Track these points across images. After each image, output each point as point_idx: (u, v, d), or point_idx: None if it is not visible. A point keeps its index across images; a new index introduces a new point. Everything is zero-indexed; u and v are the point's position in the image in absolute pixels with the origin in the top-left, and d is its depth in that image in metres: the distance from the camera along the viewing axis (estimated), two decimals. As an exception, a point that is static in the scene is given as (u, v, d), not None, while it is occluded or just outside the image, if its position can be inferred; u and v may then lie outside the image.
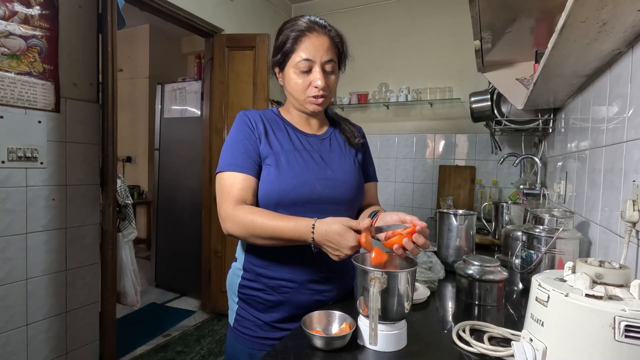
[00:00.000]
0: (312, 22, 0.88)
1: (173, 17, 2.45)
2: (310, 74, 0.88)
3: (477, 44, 1.40)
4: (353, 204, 0.95)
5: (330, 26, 0.91)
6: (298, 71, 0.88)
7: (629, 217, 0.73)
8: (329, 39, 0.88)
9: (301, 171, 0.88)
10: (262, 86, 2.66)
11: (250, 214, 0.81)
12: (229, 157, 0.88)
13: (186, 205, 3.16)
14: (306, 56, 0.86)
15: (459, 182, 2.96)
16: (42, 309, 1.68)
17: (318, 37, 0.87)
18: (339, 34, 0.92)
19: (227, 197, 0.84)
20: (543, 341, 0.54)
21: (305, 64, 0.87)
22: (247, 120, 0.91)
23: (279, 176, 0.86)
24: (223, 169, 0.87)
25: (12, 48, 1.53)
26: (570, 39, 0.80)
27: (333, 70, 0.90)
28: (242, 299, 0.92)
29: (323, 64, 0.87)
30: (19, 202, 1.58)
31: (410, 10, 3.14)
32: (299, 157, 0.90)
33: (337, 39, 0.90)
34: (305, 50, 0.86)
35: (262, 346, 0.89)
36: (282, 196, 0.85)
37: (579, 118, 1.33)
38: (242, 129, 0.90)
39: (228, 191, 0.85)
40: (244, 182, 0.85)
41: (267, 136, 0.90)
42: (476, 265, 0.95)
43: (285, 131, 0.94)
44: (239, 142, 0.89)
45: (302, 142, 0.93)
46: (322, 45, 0.87)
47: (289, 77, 0.90)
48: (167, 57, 4.72)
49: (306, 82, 0.88)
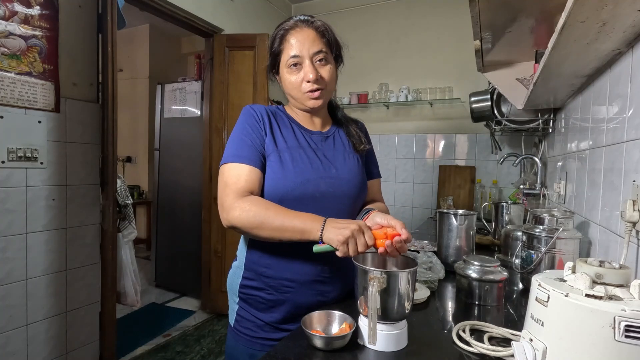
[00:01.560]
0: (296, 20, 0.88)
1: (173, 17, 2.45)
2: (302, 69, 0.87)
3: (477, 44, 1.40)
4: (356, 201, 0.95)
5: (314, 18, 0.90)
6: (290, 69, 0.88)
7: (629, 217, 0.73)
8: (313, 30, 0.87)
9: (305, 169, 0.87)
10: (262, 86, 2.66)
11: (264, 203, 0.80)
12: (234, 149, 0.86)
13: (186, 205, 3.16)
14: (293, 52, 0.86)
15: (459, 182, 2.96)
16: (42, 309, 1.68)
17: (301, 31, 0.87)
18: (324, 24, 0.90)
19: (233, 188, 0.82)
20: (543, 341, 0.54)
21: (294, 60, 0.86)
22: (253, 113, 0.90)
23: (283, 173, 0.85)
24: (228, 160, 0.85)
25: (12, 48, 1.53)
26: (570, 39, 0.80)
27: (325, 61, 0.88)
28: (243, 298, 0.92)
29: (312, 57, 0.87)
30: (19, 202, 1.58)
31: (410, 10, 3.14)
32: (303, 155, 0.89)
33: (321, 28, 0.89)
34: (291, 48, 0.86)
35: (262, 346, 0.88)
36: (287, 193, 0.85)
37: (579, 118, 1.33)
38: (249, 122, 0.89)
39: (235, 182, 0.82)
40: (250, 173, 0.84)
41: (273, 131, 0.90)
42: (476, 265, 0.95)
43: (290, 127, 0.93)
44: (246, 134, 0.87)
45: (306, 139, 0.93)
46: (306, 38, 0.86)
47: (284, 78, 0.90)
48: (167, 57, 4.72)
49: (299, 78, 0.88)
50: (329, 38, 0.90)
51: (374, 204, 1.02)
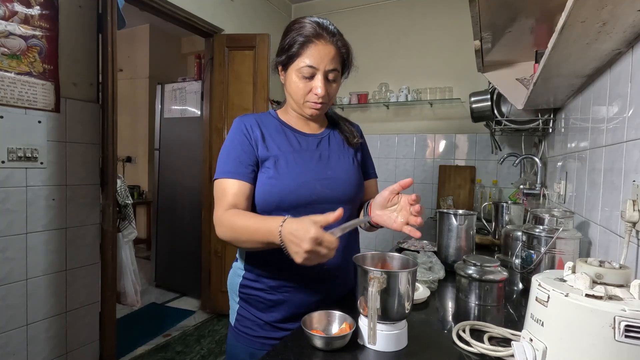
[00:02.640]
0: (321, 27, 0.87)
1: (173, 17, 2.45)
2: (312, 80, 0.87)
3: (477, 44, 1.40)
4: (353, 202, 0.95)
5: (339, 35, 0.90)
6: (300, 76, 0.87)
7: (629, 217, 0.73)
8: (335, 48, 0.88)
9: (301, 172, 0.88)
10: (262, 86, 2.66)
11: (234, 216, 0.81)
12: (222, 165, 0.89)
13: (186, 205, 3.16)
14: (310, 63, 0.86)
15: (459, 182, 2.96)
16: (42, 309, 1.68)
17: (325, 45, 0.86)
18: (346, 45, 0.91)
19: (219, 204, 0.85)
20: (543, 341, 0.54)
21: (309, 71, 0.86)
22: (242, 127, 0.91)
23: (278, 179, 0.86)
24: (218, 176, 0.88)
25: (12, 48, 1.53)
26: (570, 39, 0.80)
27: (335, 79, 0.90)
28: (243, 298, 0.92)
29: (326, 73, 0.87)
30: (19, 202, 1.58)
31: (411, 10, 3.14)
32: (297, 158, 0.90)
33: (343, 49, 0.90)
34: (310, 57, 0.86)
35: (263, 346, 0.89)
36: (283, 198, 0.85)
37: (579, 118, 1.33)
38: (237, 136, 0.91)
39: (221, 198, 0.86)
40: (235, 188, 0.86)
41: (265, 140, 0.90)
42: (476, 265, 0.95)
43: (283, 133, 0.94)
44: (233, 149, 0.89)
45: (300, 142, 0.93)
46: (327, 55, 0.86)
47: (290, 80, 0.90)
48: (167, 57, 4.72)
49: (307, 87, 0.88)
50: (346, 59, 0.92)
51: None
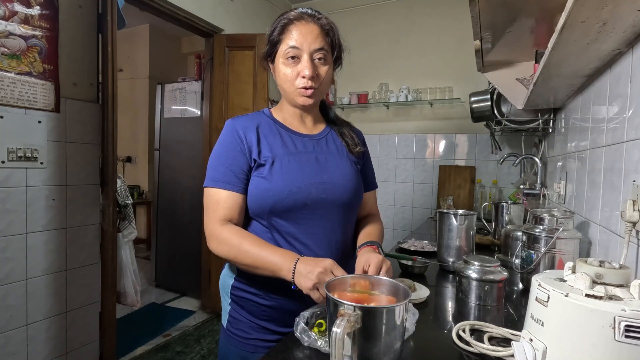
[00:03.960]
0: (302, 11, 0.85)
1: (173, 17, 2.45)
2: (299, 63, 0.84)
3: (477, 44, 1.40)
4: (351, 207, 0.91)
5: (320, 14, 0.87)
6: (286, 61, 0.84)
7: (629, 217, 0.73)
8: (318, 27, 0.84)
9: (296, 177, 0.84)
10: (262, 86, 2.66)
11: (239, 236, 0.79)
12: (213, 172, 0.85)
13: (186, 205, 3.16)
14: (293, 44, 0.82)
15: (459, 182, 2.96)
16: (42, 309, 1.68)
17: (306, 24, 0.83)
18: (330, 23, 0.87)
19: (213, 216, 0.83)
20: (543, 341, 0.54)
21: (293, 51, 0.82)
22: (235, 131, 0.87)
23: (272, 183, 0.82)
24: (208, 183, 0.85)
25: (12, 48, 1.53)
26: (570, 39, 0.80)
27: (324, 60, 0.85)
28: (235, 300, 0.90)
29: (312, 53, 0.83)
30: (19, 202, 1.58)
31: (411, 11, 3.14)
32: (292, 162, 0.86)
33: (327, 26, 0.86)
34: (292, 39, 0.82)
35: (254, 348, 0.86)
36: (276, 203, 0.82)
37: (579, 118, 1.33)
38: (229, 141, 0.86)
39: (214, 209, 0.83)
40: (229, 199, 0.83)
41: (259, 144, 0.86)
42: (476, 265, 0.95)
43: (278, 134, 0.89)
44: (225, 156, 0.85)
45: (296, 144, 0.89)
46: (310, 33, 0.82)
47: (278, 69, 0.87)
48: (167, 57, 4.72)
49: (294, 72, 0.84)
50: (333, 38, 0.87)
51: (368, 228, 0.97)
